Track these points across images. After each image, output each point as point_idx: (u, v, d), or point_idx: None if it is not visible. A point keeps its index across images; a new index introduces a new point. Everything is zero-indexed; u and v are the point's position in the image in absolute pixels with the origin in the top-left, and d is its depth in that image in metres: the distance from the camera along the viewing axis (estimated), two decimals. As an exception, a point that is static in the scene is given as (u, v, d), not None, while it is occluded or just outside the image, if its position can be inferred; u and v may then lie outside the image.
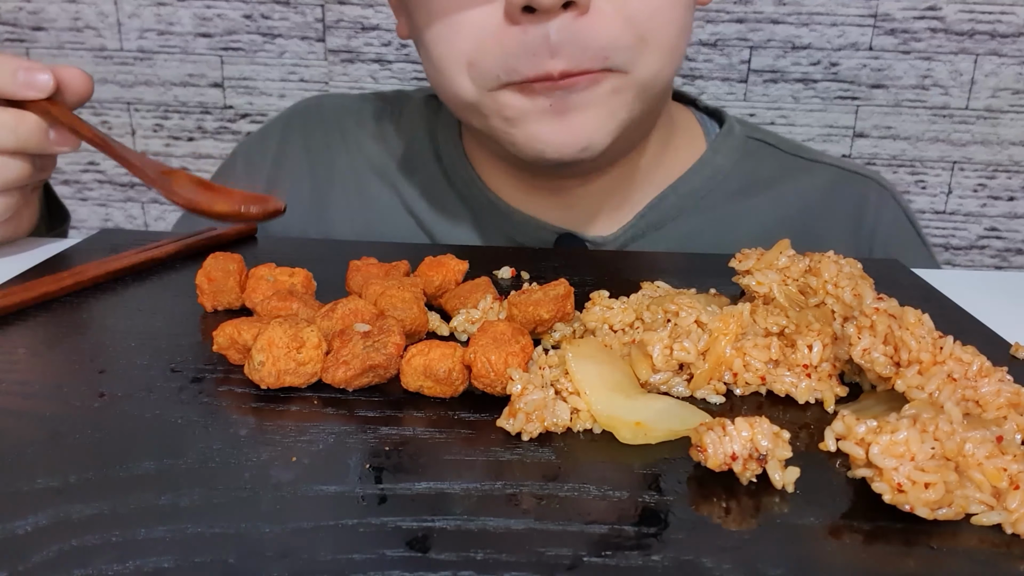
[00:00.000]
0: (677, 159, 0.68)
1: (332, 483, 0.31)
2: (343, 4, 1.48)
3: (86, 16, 1.50)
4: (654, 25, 0.52)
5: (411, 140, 0.73)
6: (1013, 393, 0.35)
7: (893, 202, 0.71)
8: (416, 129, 0.73)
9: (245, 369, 0.38)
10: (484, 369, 0.37)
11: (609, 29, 0.51)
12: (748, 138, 0.71)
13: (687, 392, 0.39)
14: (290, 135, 0.75)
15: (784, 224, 0.67)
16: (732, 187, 0.68)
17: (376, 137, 0.74)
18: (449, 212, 0.70)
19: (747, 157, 0.69)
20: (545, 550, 0.28)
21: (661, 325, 0.40)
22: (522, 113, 0.54)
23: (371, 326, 0.40)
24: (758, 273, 0.44)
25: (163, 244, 0.56)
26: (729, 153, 0.69)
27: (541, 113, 0.54)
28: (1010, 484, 0.30)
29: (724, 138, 0.69)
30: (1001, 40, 1.48)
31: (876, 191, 0.71)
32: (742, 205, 0.68)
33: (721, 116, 0.72)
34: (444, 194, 0.70)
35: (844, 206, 0.70)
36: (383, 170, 0.72)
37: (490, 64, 0.53)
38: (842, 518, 0.30)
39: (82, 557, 0.26)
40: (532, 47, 0.51)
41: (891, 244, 0.69)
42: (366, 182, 0.72)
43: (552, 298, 0.43)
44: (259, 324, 0.39)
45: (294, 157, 0.74)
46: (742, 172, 0.68)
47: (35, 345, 0.42)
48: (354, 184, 0.72)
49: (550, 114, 0.54)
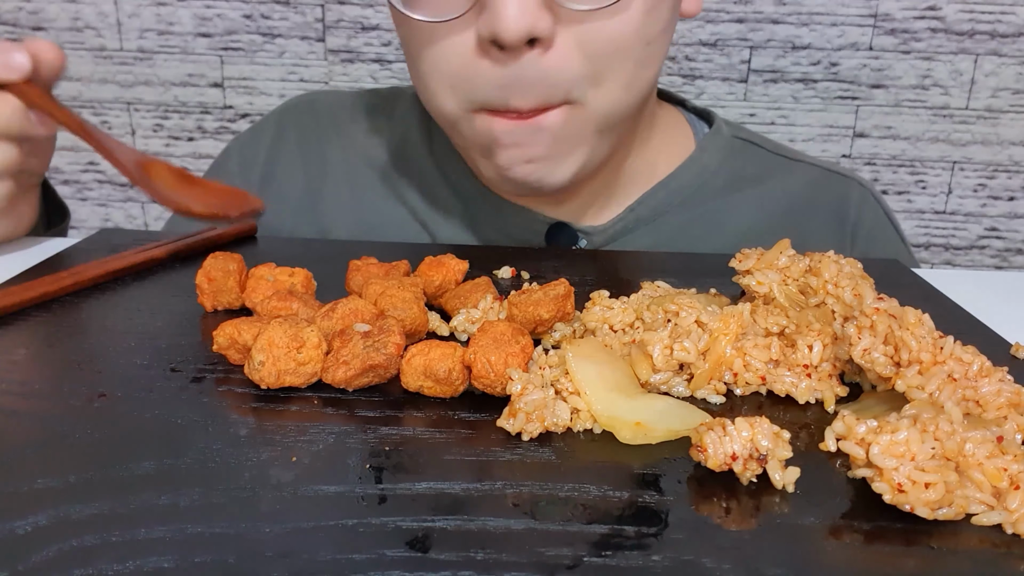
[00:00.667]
0: (666, 157, 0.70)
1: (332, 483, 0.31)
2: (343, 4, 1.48)
3: (86, 16, 1.50)
4: (611, 61, 0.54)
5: (404, 134, 0.74)
6: (1013, 393, 0.35)
7: (873, 200, 0.74)
8: (410, 123, 0.74)
9: (245, 369, 0.38)
10: (484, 370, 0.37)
11: (570, 64, 0.53)
12: (734, 137, 0.73)
13: (687, 392, 0.39)
14: (284, 131, 0.76)
15: (769, 220, 0.70)
16: (719, 184, 0.70)
17: (370, 132, 0.75)
18: (443, 205, 0.70)
19: (733, 156, 0.72)
20: (545, 550, 0.27)
21: (661, 325, 0.40)
22: (492, 138, 0.56)
23: (371, 326, 0.40)
24: (758, 273, 0.44)
25: (163, 244, 0.56)
26: (716, 152, 0.71)
27: (508, 142, 0.56)
28: (1010, 484, 0.30)
29: (712, 137, 0.71)
30: (1001, 40, 1.48)
31: (857, 190, 0.74)
32: (728, 201, 0.70)
33: (710, 117, 0.74)
34: (437, 187, 0.71)
35: (827, 203, 0.72)
36: (377, 164, 0.73)
37: (468, 90, 0.55)
38: (842, 518, 0.30)
39: (82, 557, 0.26)
40: (501, 81, 0.53)
41: (872, 241, 0.71)
42: (360, 176, 0.73)
43: (552, 298, 0.43)
44: (259, 324, 0.39)
45: (288, 153, 0.75)
46: (729, 170, 0.71)
47: (35, 345, 0.42)
48: (347, 178, 0.73)
49: (515, 147, 0.56)
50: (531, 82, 0.53)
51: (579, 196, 0.67)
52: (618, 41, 0.53)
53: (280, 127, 0.76)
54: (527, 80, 0.52)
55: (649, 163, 0.69)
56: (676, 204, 0.69)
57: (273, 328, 0.38)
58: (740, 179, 0.71)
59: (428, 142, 0.72)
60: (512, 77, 0.52)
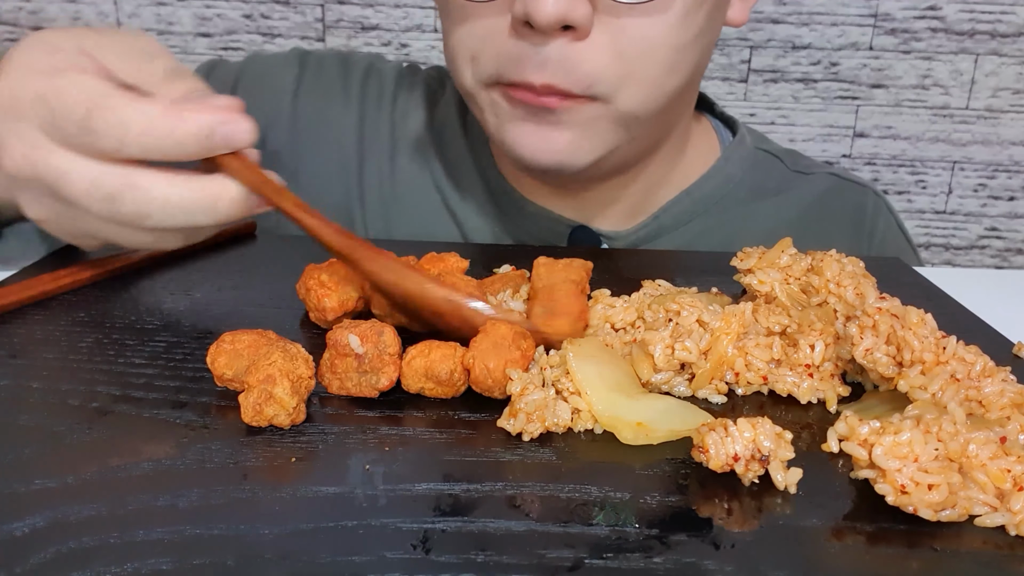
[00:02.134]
0: (691, 165, 0.71)
1: (332, 484, 0.31)
2: (343, 4, 1.48)
3: (86, 16, 1.50)
4: (642, 62, 0.54)
5: (445, 119, 0.74)
6: (1017, 393, 0.34)
7: (887, 210, 0.76)
8: (449, 108, 0.74)
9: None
10: (482, 375, 0.36)
11: (599, 59, 0.53)
12: (757, 149, 0.74)
13: (689, 392, 0.39)
14: (351, 80, 0.75)
15: (789, 227, 0.71)
16: (741, 194, 0.71)
17: (421, 108, 0.75)
18: (473, 198, 0.71)
19: (755, 168, 0.73)
20: (546, 552, 0.27)
21: (663, 324, 0.40)
22: (506, 114, 0.57)
23: (365, 344, 0.37)
24: (760, 272, 0.44)
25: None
26: (739, 162, 0.72)
27: (522, 119, 0.56)
28: (1014, 485, 0.30)
29: (736, 147, 0.72)
30: (1001, 40, 1.48)
31: (872, 199, 0.76)
32: (749, 209, 0.71)
33: (733, 124, 0.75)
34: (470, 178, 0.71)
35: (844, 210, 0.74)
36: (420, 143, 0.73)
37: (485, 62, 0.56)
38: (845, 519, 0.30)
39: (80, 559, 0.26)
40: (521, 56, 0.53)
41: (886, 249, 0.73)
42: (402, 152, 0.73)
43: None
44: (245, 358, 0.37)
45: (346, 106, 0.74)
46: (750, 181, 0.72)
47: (33, 344, 0.42)
48: (390, 152, 0.73)
49: (530, 123, 0.56)
50: (552, 61, 0.53)
51: (600, 199, 0.67)
52: (650, 41, 0.53)
53: (346, 80, 0.75)
54: (548, 59, 0.53)
55: (677, 170, 0.70)
56: (699, 213, 0.69)
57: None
58: (761, 190, 0.72)
59: (463, 130, 0.73)
60: (534, 53, 0.53)
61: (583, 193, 0.67)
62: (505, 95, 0.56)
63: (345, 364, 0.37)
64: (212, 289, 0.50)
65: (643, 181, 0.67)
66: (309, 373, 0.35)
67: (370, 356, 0.37)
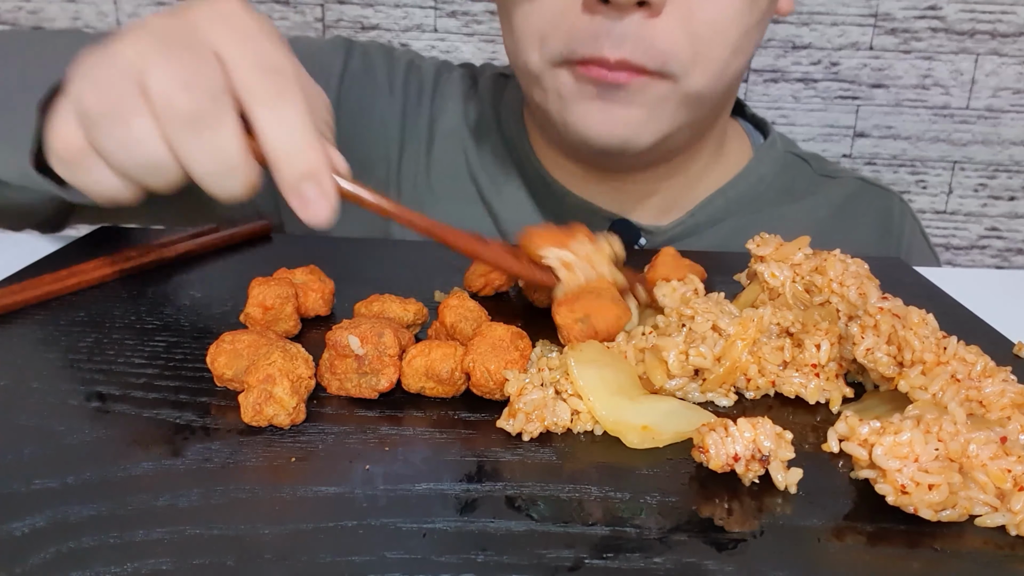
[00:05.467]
0: (727, 164, 0.72)
1: (332, 484, 0.31)
2: (343, 4, 1.48)
3: (86, 16, 1.50)
4: (711, 43, 0.56)
5: (482, 112, 0.75)
6: (1017, 393, 0.34)
7: (911, 216, 0.78)
8: (485, 102, 0.76)
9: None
10: (483, 378, 0.36)
11: (673, 36, 0.54)
12: (787, 152, 0.76)
13: (703, 398, 0.39)
14: (395, 72, 0.76)
15: (820, 228, 0.72)
16: (771, 196, 0.73)
17: (457, 102, 0.76)
18: (509, 189, 0.72)
19: (786, 170, 0.74)
20: (546, 552, 0.27)
21: (676, 330, 0.40)
22: (573, 93, 0.58)
23: (365, 345, 0.37)
24: (773, 264, 0.44)
25: (172, 244, 0.55)
26: (771, 164, 0.73)
27: (590, 98, 0.57)
28: (1014, 485, 0.30)
29: (767, 149, 0.74)
30: (1002, 40, 1.48)
31: (899, 204, 0.77)
32: (780, 211, 0.73)
33: (764, 127, 0.77)
34: (506, 171, 0.72)
35: (872, 214, 0.76)
36: (456, 136, 0.74)
37: (556, 41, 0.56)
38: (845, 519, 0.30)
39: (80, 559, 0.26)
40: (597, 32, 0.54)
41: (911, 254, 0.75)
42: (438, 145, 0.74)
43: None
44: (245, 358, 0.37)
45: (391, 97, 0.75)
46: (780, 183, 0.74)
47: (34, 345, 0.42)
48: (427, 144, 0.74)
49: (598, 100, 0.57)
50: (629, 36, 0.54)
51: (640, 192, 0.69)
52: (719, 22, 0.55)
53: (391, 72, 0.76)
54: (625, 34, 0.54)
55: (714, 169, 0.71)
56: (733, 212, 0.71)
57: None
58: (790, 192, 0.73)
59: (496, 124, 0.73)
60: (611, 27, 0.54)
61: (624, 185, 0.68)
62: (574, 73, 0.57)
63: (345, 365, 0.37)
64: (212, 289, 0.50)
65: (683, 175, 0.69)
66: (309, 373, 0.35)
67: (370, 357, 0.37)
